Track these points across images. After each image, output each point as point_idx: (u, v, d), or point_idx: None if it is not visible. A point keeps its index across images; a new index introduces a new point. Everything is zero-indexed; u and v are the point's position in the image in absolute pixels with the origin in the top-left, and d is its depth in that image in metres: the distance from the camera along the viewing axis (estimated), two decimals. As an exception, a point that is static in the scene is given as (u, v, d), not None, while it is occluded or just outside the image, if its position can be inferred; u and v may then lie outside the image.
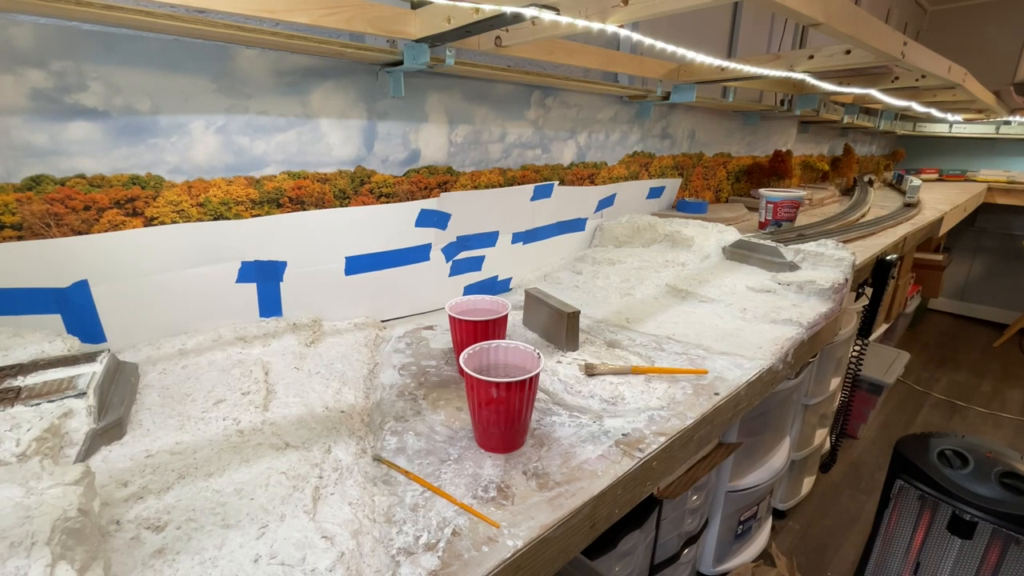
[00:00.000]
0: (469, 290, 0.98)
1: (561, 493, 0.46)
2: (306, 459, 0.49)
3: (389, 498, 0.45)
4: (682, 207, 1.58)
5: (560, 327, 0.75)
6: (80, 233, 0.64)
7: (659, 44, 0.80)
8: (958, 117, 2.57)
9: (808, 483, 1.60)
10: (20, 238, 0.60)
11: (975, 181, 3.12)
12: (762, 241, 1.11)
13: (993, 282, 3.48)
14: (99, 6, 0.54)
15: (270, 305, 0.77)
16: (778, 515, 1.53)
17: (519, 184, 1.12)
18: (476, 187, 1.06)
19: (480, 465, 0.49)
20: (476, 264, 0.98)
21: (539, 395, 0.62)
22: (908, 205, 1.96)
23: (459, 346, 0.67)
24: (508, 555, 0.39)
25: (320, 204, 0.84)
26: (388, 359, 0.72)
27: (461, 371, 0.50)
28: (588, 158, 1.33)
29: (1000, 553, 0.93)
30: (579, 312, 0.75)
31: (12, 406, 0.46)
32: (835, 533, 1.52)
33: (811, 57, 1.11)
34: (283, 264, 0.76)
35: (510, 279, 1.06)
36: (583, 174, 1.32)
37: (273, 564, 0.37)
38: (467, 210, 0.92)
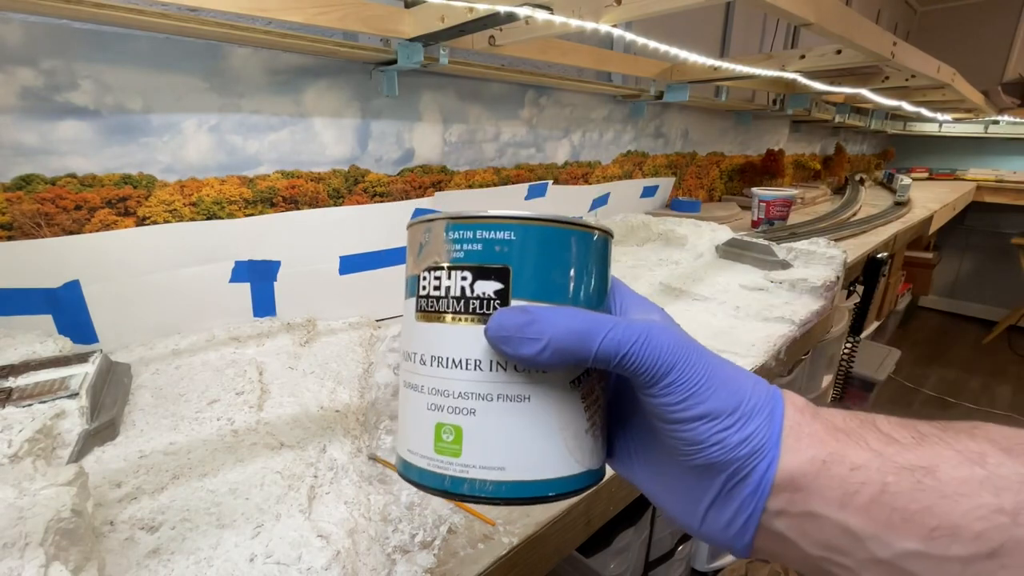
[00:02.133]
0: (464, 289, 0.98)
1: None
2: (301, 458, 0.49)
3: (385, 497, 0.45)
4: (676, 206, 1.59)
5: (555, 326, 0.75)
6: (71, 233, 0.64)
7: (652, 44, 0.81)
8: (947, 116, 2.60)
9: (801, 479, 1.61)
10: (10, 238, 0.60)
11: (964, 180, 3.16)
12: (755, 240, 1.11)
13: (982, 280, 3.52)
14: (90, 4, 0.54)
15: (264, 305, 0.77)
16: (771, 511, 1.54)
17: (513, 183, 1.12)
18: (470, 186, 1.06)
19: (475, 463, 0.49)
20: (471, 263, 0.98)
21: (534, 393, 0.62)
22: (899, 204, 1.98)
23: (454, 345, 0.67)
24: (504, 552, 0.39)
25: (314, 203, 0.84)
26: (383, 358, 0.72)
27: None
28: (582, 157, 1.33)
29: (989, 547, 0.95)
30: (573, 311, 0.75)
31: (3, 407, 0.46)
32: (827, 529, 1.53)
33: (803, 57, 1.12)
34: (277, 264, 0.76)
35: (505, 278, 1.06)
36: (577, 173, 1.33)
37: (269, 563, 0.37)
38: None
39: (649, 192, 1.52)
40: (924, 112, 2.22)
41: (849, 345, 1.59)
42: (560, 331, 0.18)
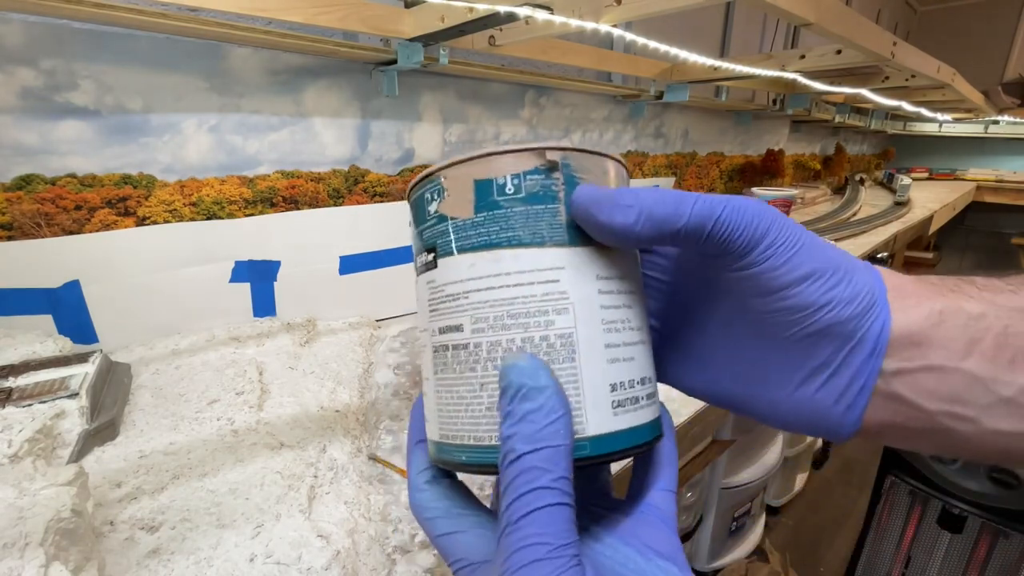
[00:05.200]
0: (464, 289, 0.98)
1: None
2: (301, 458, 0.49)
3: (385, 497, 0.45)
4: (676, 206, 1.59)
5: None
6: (71, 233, 0.64)
7: (652, 44, 0.81)
8: (947, 116, 2.60)
9: (801, 479, 1.62)
10: (10, 238, 0.60)
11: (964, 180, 3.16)
12: (755, 239, 1.11)
13: (982, 280, 3.52)
14: (90, 4, 0.54)
15: (264, 305, 0.77)
16: (772, 511, 1.54)
17: (513, 183, 1.12)
18: (470, 186, 1.06)
19: (475, 463, 0.49)
20: (471, 263, 0.98)
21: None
22: (899, 204, 1.99)
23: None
24: (504, 552, 0.39)
25: (314, 203, 0.84)
26: (383, 358, 0.72)
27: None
28: (582, 157, 1.33)
29: (989, 546, 0.95)
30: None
31: (3, 407, 0.46)
32: (828, 528, 1.53)
33: (803, 57, 1.12)
34: (277, 264, 0.76)
35: (505, 278, 1.06)
36: (577, 173, 1.32)
37: (269, 563, 0.37)
38: (461, 209, 0.92)
39: (649, 192, 1.51)
40: (924, 112, 2.22)
41: (849, 345, 1.58)
42: (651, 200, 0.17)
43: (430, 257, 0.20)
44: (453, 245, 0.19)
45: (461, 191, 0.19)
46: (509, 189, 0.18)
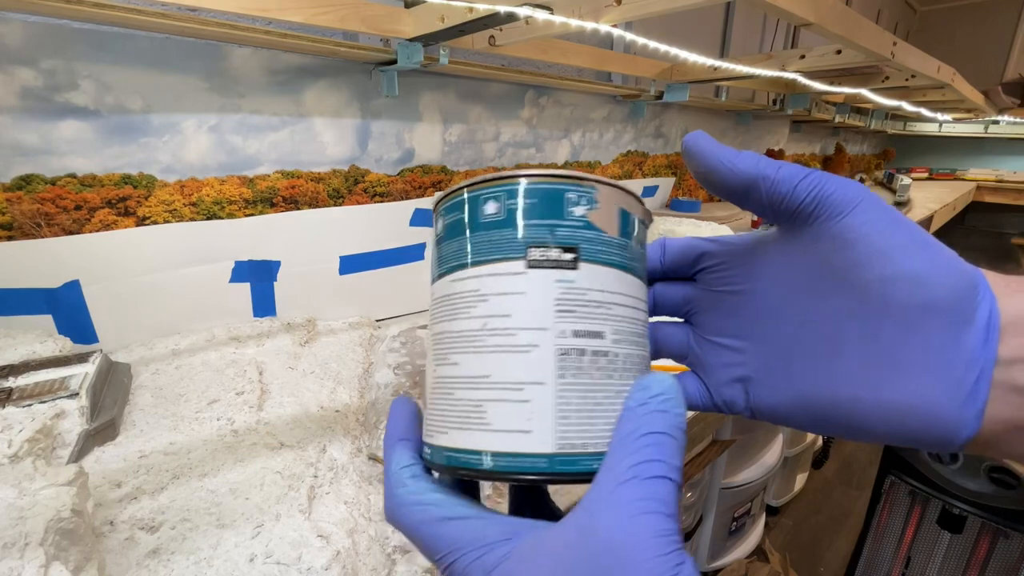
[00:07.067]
0: (464, 289, 0.97)
1: (557, 490, 0.46)
2: (301, 458, 0.49)
3: (385, 497, 0.45)
4: (676, 206, 1.59)
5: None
6: (71, 233, 0.64)
7: (652, 44, 0.81)
8: (947, 116, 2.60)
9: (801, 480, 1.62)
10: (10, 238, 0.60)
11: (964, 180, 3.16)
12: (755, 239, 1.11)
13: (982, 280, 3.51)
14: (90, 4, 0.54)
15: (264, 305, 0.77)
16: (771, 511, 1.54)
17: (513, 183, 1.12)
18: (470, 186, 1.06)
19: (475, 463, 0.49)
20: (471, 263, 0.98)
21: (534, 393, 0.62)
22: (899, 204, 1.98)
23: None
24: (504, 552, 0.39)
25: (314, 203, 0.84)
26: (383, 358, 0.72)
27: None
28: (582, 157, 1.33)
29: (989, 546, 0.95)
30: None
31: (3, 407, 0.46)
32: (828, 528, 1.53)
33: (803, 57, 1.12)
34: (277, 264, 0.76)
35: (505, 278, 1.06)
36: (577, 173, 1.32)
37: (269, 563, 0.37)
38: (461, 209, 0.92)
39: (649, 192, 1.51)
40: (924, 112, 2.22)
41: (849, 345, 1.58)
42: (748, 154, 0.19)
43: (569, 256, 0.19)
44: (603, 255, 0.20)
45: (610, 210, 0.20)
46: (633, 226, 0.21)
